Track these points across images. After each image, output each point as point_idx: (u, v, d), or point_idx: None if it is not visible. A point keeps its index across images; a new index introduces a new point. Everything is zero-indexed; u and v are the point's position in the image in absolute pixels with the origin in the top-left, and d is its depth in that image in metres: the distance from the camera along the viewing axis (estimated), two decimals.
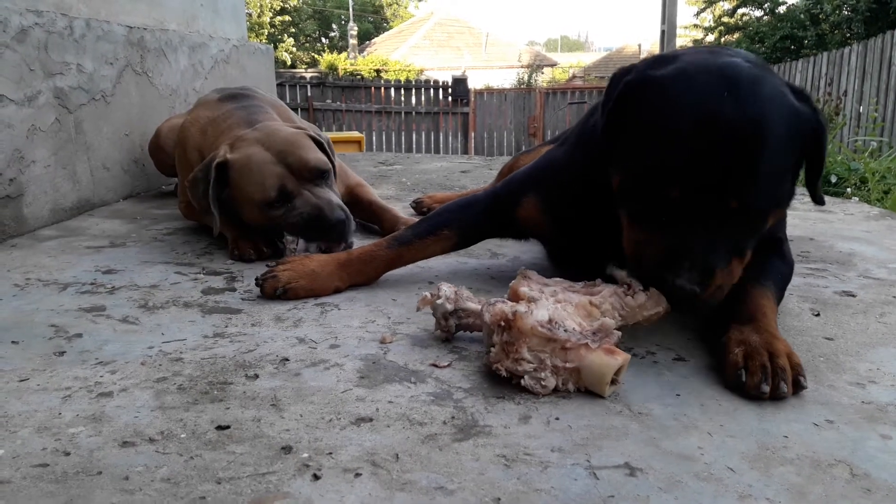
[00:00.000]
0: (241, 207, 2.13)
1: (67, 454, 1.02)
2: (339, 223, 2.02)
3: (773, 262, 1.60)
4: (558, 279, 1.46)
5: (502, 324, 1.25)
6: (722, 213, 1.28)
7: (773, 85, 1.35)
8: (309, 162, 2.08)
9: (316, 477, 0.97)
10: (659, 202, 1.32)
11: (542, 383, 1.22)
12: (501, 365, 1.25)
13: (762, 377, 1.23)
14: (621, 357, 1.21)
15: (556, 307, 1.29)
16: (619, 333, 1.28)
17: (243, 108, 2.37)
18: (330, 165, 2.15)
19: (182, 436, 1.08)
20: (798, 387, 1.23)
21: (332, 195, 2.10)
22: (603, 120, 1.44)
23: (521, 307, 1.26)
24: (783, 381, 1.22)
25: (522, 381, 1.22)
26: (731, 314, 1.40)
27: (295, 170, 2.07)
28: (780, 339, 1.34)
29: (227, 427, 1.10)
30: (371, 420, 1.13)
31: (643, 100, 1.37)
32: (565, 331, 1.23)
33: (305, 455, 1.02)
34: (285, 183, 2.05)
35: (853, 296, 1.80)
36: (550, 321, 1.24)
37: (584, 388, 1.23)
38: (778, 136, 1.29)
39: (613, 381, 1.23)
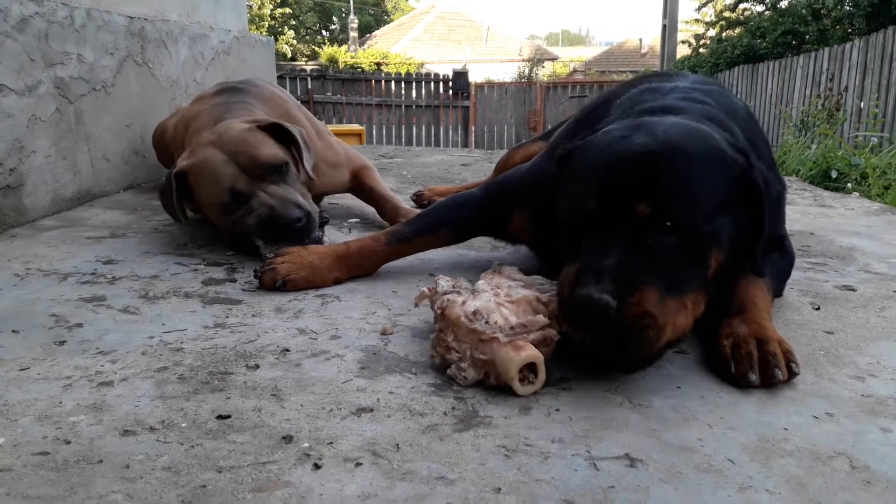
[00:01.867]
0: (206, 214, 2.10)
1: (68, 442, 1.02)
2: (293, 221, 1.90)
3: (769, 255, 1.61)
4: (536, 277, 1.45)
5: (439, 311, 1.28)
6: (640, 233, 1.20)
7: (697, 129, 1.34)
8: (259, 158, 1.99)
9: (317, 466, 0.97)
10: (578, 222, 1.28)
11: (464, 374, 1.21)
12: (436, 352, 1.27)
13: (748, 366, 1.24)
14: (525, 353, 1.17)
15: (490, 300, 1.28)
16: (554, 332, 1.24)
17: (224, 104, 2.31)
18: (286, 159, 2.05)
19: (183, 425, 1.08)
20: (790, 373, 1.24)
21: (291, 191, 2.00)
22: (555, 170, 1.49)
23: (456, 297, 1.28)
24: (776, 367, 1.23)
25: (448, 371, 1.24)
26: (725, 307, 1.41)
27: (247, 168, 1.98)
28: (769, 327, 1.35)
29: (228, 416, 1.10)
30: (372, 410, 1.14)
31: (570, 159, 1.41)
32: (486, 323, 1.22)
33: (306, 444, 1.03)
34: (236, 184, 1.96)
35: (853, 290, 1.80)
36: (475, 312, 1.24)
37: (503, 382, 1.19)
38: (692, 160, 1.26)
39: (530, 381, 1.18)
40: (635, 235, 1.21)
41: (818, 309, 1.66)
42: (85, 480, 0.93)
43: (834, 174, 5.14)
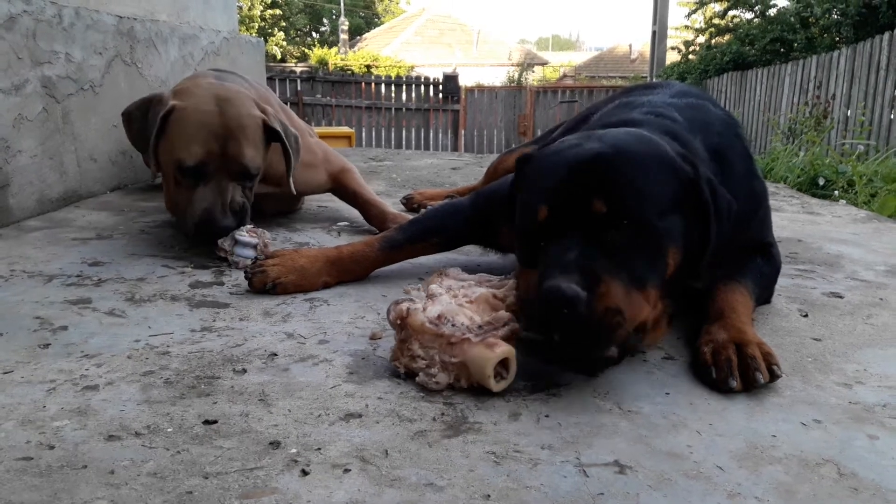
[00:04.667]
0: (162, 159, 2.06)
1: (52, 447, 1.01)
2: (223, 230, 1.96)
3: (753, 261, 1.63)
4: (482, 274, 1.47)
5: (399, 322, 1.26)
6: (597, 230, 1.22)
7: (646, 137, 1.38)
8: (242, 157, 2.01)
9: (304, 472, 0.96)
10: (535, 229, 1.29)
11: (434, 380, 1.21)
12: (399, 363, 1.26)
13: (728, 372, 1.25)
14: (500, 350, 1.18)
15: (450, 302, 1.29)
16: (517, 325, 1.24)
17: (218, 77, 2.30)
18: (259, 171, 2.08)
19: (169, 430, 1.07)
20: (772, 375, 1.25)
21: (238, 195, 2.02)
22: (508, 192, 1.53)
23: (415, 304, 1.27)
24: (756, 370, 1.24)
25: (417, 378, 1.23)
26: (704, 314, 1.43)
27: (229, 155, 1.99)
28: (748, 331, 1.36)
29: (215, 422, 1.09)
30: (360, 416, 1.13)
31: (530, 167, 1.43)
32: (452, 325, 1.23)
33: (294, 450, 1.02)
34: (208, 161, 1.98)
35: (841, 297, 1.82)
36: (440, 317, 1.24)
37: (475, 382, 1.19)
38: (641, 162, 1.30)
39: (502, 377, 1.20)
40: (593, 232, 1.22)
41: (806, 316, 1.67)
42: (69, 486, 0.92)
43: (821, 181, 5.18)
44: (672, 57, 16.45)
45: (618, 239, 1.21)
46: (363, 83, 16.45)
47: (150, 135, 2.00)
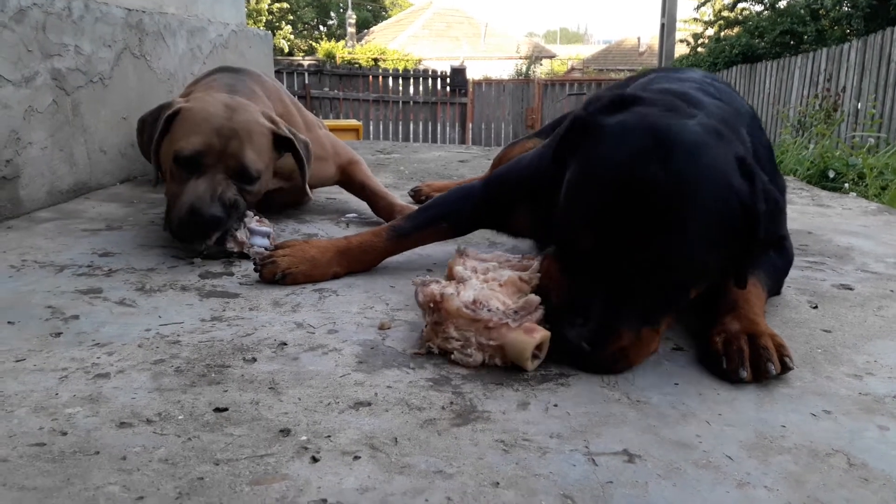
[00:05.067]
0: (163, 159, 2.00)
1: (64, 434, 1.02)
2: (210, 221, 1.84)
3: (766, 254, 1.61)
4: (498, 253, 1.51)
5: (432, 305, 1.32)
6: (633, 272, 1.20)
7: (714, 155, 1.26)
8: (242, 156, 1.94)
9: (314, 459, 0.97)
10: (574, 249, 1.28)
11: (471, 359, 1.27)
12: (433, 343, 1.32)
13: (739, 362, 1.25)
14: (539, 335, 1.24)
15: (482, 287, 1.35)
16: (543, 309, 1.30)
17: (229, 78, 2.29)
18: (259, 174, 1.98)
19: (180, 417, 1.07)
20: (784, 367, 1.24)
21: (231, 191, 1.90)
22: (553, 152, 1.44)
23: (449, 289, 1.33)
24: (768, 360, 1.24)
25: (452, 356, 1.29)
26: (718, 305, 1.42)
27: (229, 152, 1.92)
28: (761, 323, 1.35)
29: (226, 409, 1.10)
30: (370, 404, 1.13)
31: (583, 146, 1.34)
32: (489, 310, 1.28)
33: (304, 438, 1.02)
34: (206, 152, 1.89)
35: (851, 289, 1.81)
36: (475, 302, 1.30)
37: (509, 362, 1.26)
38: (700, 207, 1.21)
39: (535, 356, 1.26)
40: (626, 276, 1.21)
41: (816, 307, 1.66)
42: (81, 472, 0.93)
43: (831, 174, 5.15)
44: (681, 50, 16.37)
45: (650, 283, 1.21)
46: (370, 76, 16.45)
47: (154, 136, 1.98)
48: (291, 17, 31.97)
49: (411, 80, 16.46)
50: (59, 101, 2.58)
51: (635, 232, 1.19)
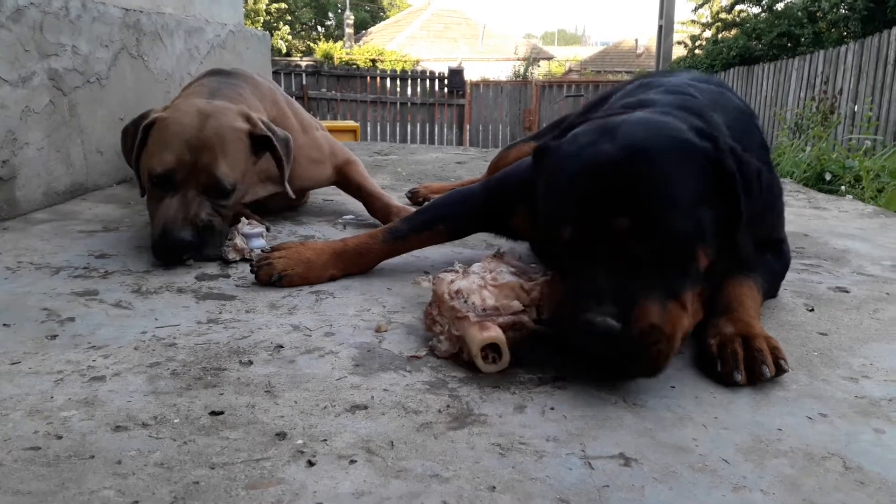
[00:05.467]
0: (142, 172, 1.98)
1: (59, 437, 1.02)
2: (180, 246, 1.84)
3: (763, 256, 1.62)
4: (533, 265, 1.50)
5: (432, 288, 1.40)
6: (622, 246, 1.21)
7: (661, 124, 1.33)
8: (214, 169, 1.90)
9: (311, 463, 0.97)
10: (561, 246, 1.29)
11: (440, 345, 1.32)
12: (425, 322, 1.40)
13: (733, 365, 1.25)
14: (487, 334, 1.24)
15: (474, 281, 1.37)
16: (527, 319, 1.30)
17: (216, 81, 2.27)
18: (234, 186, 1.96)
19: (175, 421, 1.07)
20: (779, 369, 1.24)
21: (204, 211, 1.89)
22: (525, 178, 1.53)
23: (446, 275, 1.38)
24: (763, 363, 1.24)
25: (429, 343, 1.36)
26: (713, 307, 1.42)
27: (200, 166, 1.89)
28: (756, 325, 1.35)
29: (221, 413, 1.10)
30: (366, 407, 1.13)
31: (544, 162, 1.43)
32: (464, 302, 1.31)
33: (300, 441, 1.02)
34: (178, 169, 1.88)
35: (847, 292, 1.81)
36: (458, 291, 1.33)
37: (470, 359, 1.27)
38: (659, 161, 1.25)
39: (493, 360, 1.25)
40: (620, 248, 1.21)
41: (812, 310, 1.66)
42: (76, 476, 0.92)
43: (828, 176, 5.16)
44: (678, 52, 16.40)
45: (645, 251, 1.20)
46: (368, 77, 16.43)
47: (133, 146, 1.97)
48: (289, 18, 31.96)
49: (409, 82, 16.45)
50: (56, 101, 2.58)
51: (606, 207, 1.23)
